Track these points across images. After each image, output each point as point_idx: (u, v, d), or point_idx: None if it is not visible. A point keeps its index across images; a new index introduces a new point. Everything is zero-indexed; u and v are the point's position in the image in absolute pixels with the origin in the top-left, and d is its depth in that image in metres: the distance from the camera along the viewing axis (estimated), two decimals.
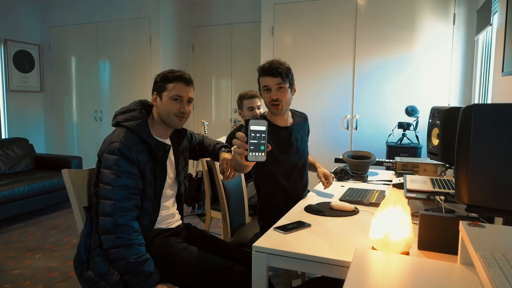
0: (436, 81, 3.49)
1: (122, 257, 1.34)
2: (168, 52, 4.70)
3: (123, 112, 1.52)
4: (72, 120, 5.25)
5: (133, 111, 1.51)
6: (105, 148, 1.44)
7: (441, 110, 1.56)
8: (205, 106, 5.05)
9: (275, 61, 1.70)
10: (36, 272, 2.60)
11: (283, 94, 1.70)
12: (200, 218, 3.82)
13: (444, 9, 3.42)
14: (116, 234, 1.34)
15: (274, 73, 1.68)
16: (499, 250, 0.79)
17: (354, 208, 1.58)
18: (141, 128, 1.46)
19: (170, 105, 1.49)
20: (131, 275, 1.34)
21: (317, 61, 3.88)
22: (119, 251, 1.34)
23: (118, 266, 1.36)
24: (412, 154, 3.22)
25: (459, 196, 1.04)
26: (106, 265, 1.38)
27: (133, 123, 1.46)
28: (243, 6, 4.72)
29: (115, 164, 1.38)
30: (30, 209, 3.71)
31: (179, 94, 1.50)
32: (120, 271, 1.36)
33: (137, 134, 1.44)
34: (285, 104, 1.72)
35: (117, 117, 1.51)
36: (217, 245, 1.63)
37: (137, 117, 1.48)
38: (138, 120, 1.47)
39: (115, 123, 1.51)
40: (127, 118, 1.48)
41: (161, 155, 1.51)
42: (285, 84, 1.69)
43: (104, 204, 1.37)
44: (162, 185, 1.52)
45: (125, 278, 1.36)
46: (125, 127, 1.46)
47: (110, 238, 1.35)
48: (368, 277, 0.87)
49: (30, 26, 5.17)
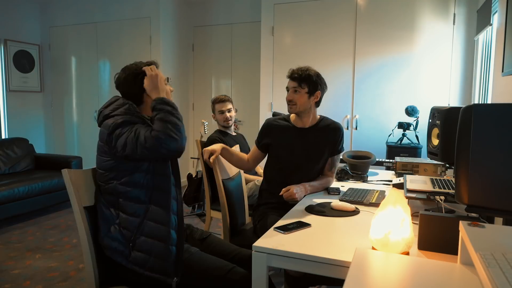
0: (436, 81, 3.49)
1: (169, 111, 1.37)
2: (168, 52, 4.70)
3: (106, 107, 1.47)
4: (72, 120, 5.25)
5: (116, 101, 1.47)
6: (108, 131, 1.38)
7: (441, 110, 1.56)
8: (205, 106, 5.05)
9: (299, 68, 1.90)
10: (36, 272, 2.60)
11: (297, 96, 1.87)
12: (200, 218, 3.82)
13: (444, 9, 3.42)
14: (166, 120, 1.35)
15: (292, 77, 1.89)
16: (499, 250, 0.79)
17: (355, 208, 1.58)
18: (133, 110, 1.43)
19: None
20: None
21: (317, 61, 3.88)
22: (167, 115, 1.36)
23: (167, 115, 1.36)
24: (412, 154, 3.22)
25: (459, 196, 1.04)
26: (153, 242, 1.37)
27: (123, 109, 1.42)
28: (243, 6, 4.72)
29: (123, 121, 1.37)
30: (30, 209, 3.71)
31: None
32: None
33: (131, 116, 1.41)
34: (300, 106, 1.87)
35: (102, 112, 1.45)
36: (218, 246, 1.63)
37: (123, 103, 1.45)
38: (126, 104, 1.44)
39: (103, 118, 1.44)
40: (114, 108, 1.43)
41: None
42: (301, 89, 1.87)
43: (140, 137, 1.33)
44: (176, 166, 1.51)
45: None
46: (116, 115, 1.41)
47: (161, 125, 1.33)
48: (368, 277, 0.87)
49: (30, 26, 5.17)
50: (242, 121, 4.81)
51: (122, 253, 1.38)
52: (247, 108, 4.78)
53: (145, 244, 1.37)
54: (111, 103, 1.48)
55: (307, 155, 1.92)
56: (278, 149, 1.93)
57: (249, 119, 4.77)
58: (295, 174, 1.91)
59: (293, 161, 1.92)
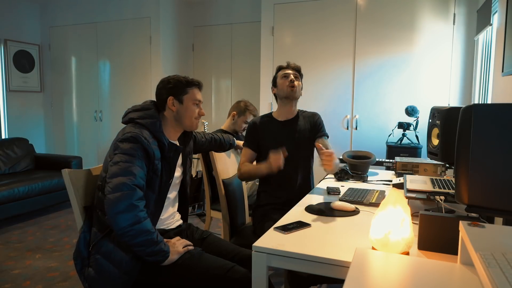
0: (436, 81, 3.49)
1: (145, 229, 1.31)
2: (168, 52, 4.70)
3: (137, 110, 1.51)
4: (72, 120, 5.25)
5: (148, 110, 1.51)
6: (118, 138, 1.42)
7: (441, 110, 1.56)
8: (205, 106, 5.05)
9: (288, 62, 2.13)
10: (36, 272, 2.60)
11: (297, 82, 2.05)
12: (200, 218, 3.82)
13: (444, 9, 3.42)
14: (139, 207, 1.32)
15: (293, 67, 2.10)
16: (499, 250, 0.79)
17: (355, 208, 1.58)
18: (157, 127, 1.46)
19: (192, 109, 1.56)
20: (154, 245, 1.33)
21: (317, 61, 3.88)
22: (142, 224, 1.31)
23: (140, 241, 1.31)
24: (412, 154, 3.22)
25: (459, 196, 1.04)
26: (107, 264, 1.37)
27: (149, 121, 1.46)
28: (243, 6, 4.72)
29: (134, 149, 1.37)
30: (30, 209, 3.71)
31: (199, 98, 1.60)
32: (140, 247, 1.32)
33: (152, 132, 1.44)
34: (299, 91, 2.05)
35: (130, 114, 1.50)
36: (218, 245, 1.63)
37: (153, 115, 1.49)
38: (154, 119, 1.47)
39: (128, 120, 1.50)
40: (142, 116, 1.48)
41: (172, 156, 1.51)
42: (299, 79, 2.07)
43: (122, 179, 1.32)
44: (167, 187, 1.52)
45: (147, 251, 1.33)
46: (139, 124, 1.45)
47: (133, 213, 1.30)
48: (368, 277, 0.87)
49: (30, 26, 5.17)
50: None
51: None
52: None
53: (99, 263, 1.37)
54: (143, 108, 1.52)
55: (296, 143, 2.02)
56: (268, 144, 1.99)
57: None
58: (288, 164, 1.89)
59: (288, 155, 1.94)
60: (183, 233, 1.65)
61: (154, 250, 1.34)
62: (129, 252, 1.37)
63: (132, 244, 1.32)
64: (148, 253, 1.34)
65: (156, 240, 1.34)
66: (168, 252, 1.38)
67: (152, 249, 1.33)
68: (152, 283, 1.42)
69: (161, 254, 1.35)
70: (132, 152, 1.37)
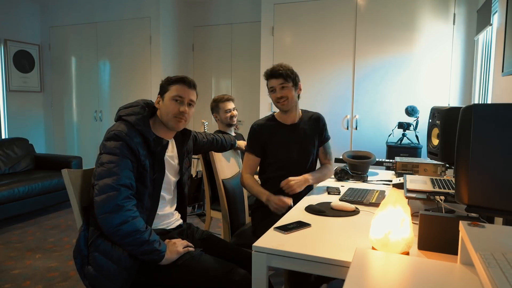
0: (436, 81, 3.49)
1: (134, 229, 1.32)
2: (168, 52, 4.70)
3: (126, 107, 1.53)
4: (72, 120, 5.25)
5: (135, 107, 1.52)
6: (104, 137, 1.44)
7: (441, 110, 1.56)
8: (205, 106, 5.05)
9: (277, 65, 1.92)
10: (36, 272, 2.60)
11: (286, 91, 1.90)
12: (200, 218, 3.82)
13: (444, 9, 3.42)
14: (125, 207, 1.32)
15: (276, 75, 1.89)
16: (499, 250, 0.79)
17: (355, 208, 1.58)
18: (141, 122, 1.46)
19: (171, 106, 1.51)
20: (146, 244, 1.33)
21: (317, 61, 3.88)
22: (130, 223, 1.32)
23: (130, 241, 1.32)
24: (412, 154, 3.22)
25: (459, 196, 1.04)
26: (106, 261, 1.37)
27: (133, 118, 1.46)
28: (243, 6, 4.72)
29: (117, 147, 1.38)
30: (30, 209, 3.71)
31: (180, 94, 1.52)
32: (132, 247, 1.33)
33: (136, 127, 1.44)
34: (291, 100, 1.92)
35: (120, 111, 1.52)
36: (218, 246, 1.63)
37: (138, 112, 1.49)
38: (139, 115, 1.48)
39: (117, 118, 1.51)
40: (128, 113, 1.49)
41: (159, 151, 1.51)
42: (288, 83, 1.90)
43: (106, 181, 1.34)
44: (160, 182, 1.52)
45: (139, 251, 1.33)
46: (125, 121, 1.46)
47: (119, 214, 1.31)
48: (368, 277, 0.87)
49: (30, 26, 5.17)
50: (242, 121, 4.81)
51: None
52: (247, 108, 4.78)
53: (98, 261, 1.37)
54: (131, 106, 1.53)
55: (301, 148, 1.99)
56: (275, 149, 1.97)
57: (249, 119, 4.77)
58: (294, 169, 1.93)
59: (291, 157, 1.96)
60: (184, 233, 1.65)
61: (147, 249, 1.34)
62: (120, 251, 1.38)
63: (123, 244, 1.34)
64: (141, 252, 1.34)
65: (147, 239, 1.34)
66: (163, 252, 1.37)
67: (144, 248, 1.33)
68: (152, 283, 1.42)
69: (155, 253, 1.35)
70: (115, 151, 1.38)
